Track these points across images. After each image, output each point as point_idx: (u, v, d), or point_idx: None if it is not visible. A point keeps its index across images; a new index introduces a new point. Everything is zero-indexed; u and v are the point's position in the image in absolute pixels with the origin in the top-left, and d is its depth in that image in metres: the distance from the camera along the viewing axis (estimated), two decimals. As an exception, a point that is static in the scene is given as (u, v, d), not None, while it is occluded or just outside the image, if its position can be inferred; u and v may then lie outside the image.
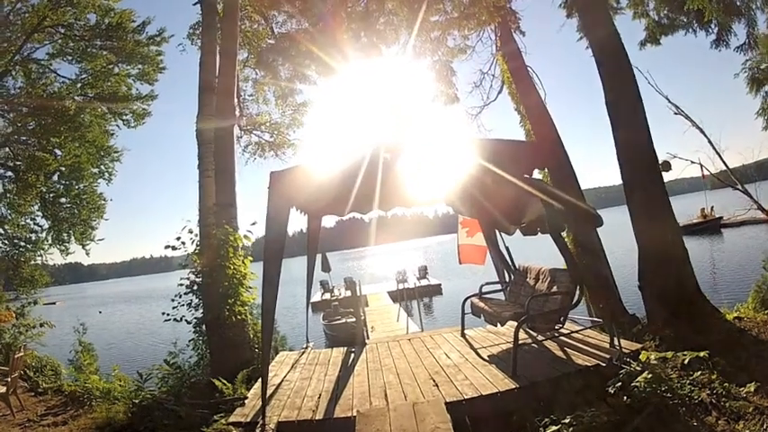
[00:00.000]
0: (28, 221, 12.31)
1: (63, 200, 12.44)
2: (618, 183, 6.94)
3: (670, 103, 8.10)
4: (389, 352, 6.04)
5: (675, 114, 8.12)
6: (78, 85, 12.27)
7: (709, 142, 7.94)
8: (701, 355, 3.99)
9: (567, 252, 5.30)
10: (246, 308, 6.67)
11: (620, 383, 3.78)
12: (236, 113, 9.51)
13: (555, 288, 5.32)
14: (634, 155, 6.47)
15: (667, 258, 6.12)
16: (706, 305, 5.99)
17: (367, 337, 7.52)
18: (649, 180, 6.38)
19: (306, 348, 6.70)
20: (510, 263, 7.03)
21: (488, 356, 5.29)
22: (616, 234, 10.60)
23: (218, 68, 7.94)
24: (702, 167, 8.60)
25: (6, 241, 11.99)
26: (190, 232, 6.91)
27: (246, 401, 4.61)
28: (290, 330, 11.42)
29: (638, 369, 3.85)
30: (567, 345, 5.27)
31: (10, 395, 5.84)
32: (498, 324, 5.72)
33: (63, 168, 12.14)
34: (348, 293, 15.49)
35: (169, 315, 6.62)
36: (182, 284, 6.76)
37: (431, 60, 10.55)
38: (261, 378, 4.32)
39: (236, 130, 10.22)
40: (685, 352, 4.11)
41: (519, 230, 6.51)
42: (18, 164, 12.08)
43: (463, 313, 6.48)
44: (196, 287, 6.73)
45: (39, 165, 11.66)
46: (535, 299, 5.31)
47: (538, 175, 7.24)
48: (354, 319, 7.43)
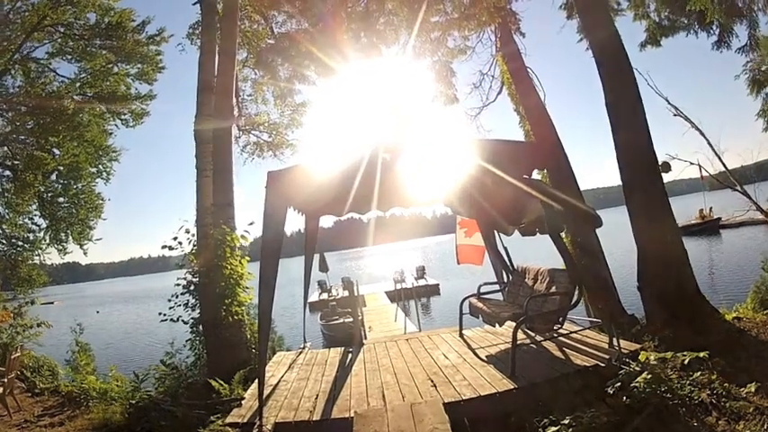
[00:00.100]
0: (26, 221, 12.32)
1: (61, 199, 12.41)
2: (617, 184, 6.92)
3: (669, 104, 8.09)
4: (387, 352, 6.01)
5: (675, 116, 8.10)
6: (77, 85, 12.25)
7: (709, 143, 7.93)
8: (700, 355, 3.96)
9: (565, 252, 5.27)
10: (243, 308, 6.64)
11: (620, 384, 3.76)
12: (235, 113, 9.51)
13: (554, 288, 5.31)
14: (634, 156, 6.46)
15: (667, 259, 6.10)
16: (705, 306, 5.97)
17: (364, 338, 7.50)
18: (649, 181, 6.36)
19: (303, 348, 6.67)
20: (508, 263, 7.02)
21: (487, 357, 5.26)
22: (615, 235, 10.59)
23: (216, 68, 7.93)
24: (701, 168, 8.59)
25: (4, 241, 11.97)
26: (187, 232, 6.90)
27: (243, 402, 4.58)
28: (287, 330, 11.40)
29: (638, 369, 3.83)
30: (565, 345, 5.25)
31: (7, 396, 5.82)
32: (497, 324, 5.70)
33: (61, 168, 12.12)
34: (346, 293, 15.43)
35: (166, 315, 6.61)
36: (178, 284, 6.73)
37: (431, 61, 10.57)
38: (258, 378, 4.30)
39: (235, 129, 10.22)
40: (685, 352, 4.09)
41: (518, 231, 6.49)
42: (16, 163, 12.05)
43: (461, 313, 6.45)
44: (193, 287, 6.71)
45: (37, 164, 11.64)
46: (534, 299, 5.29)
47: (537, 175, 7.22)
48: (352, 320, 7.40)
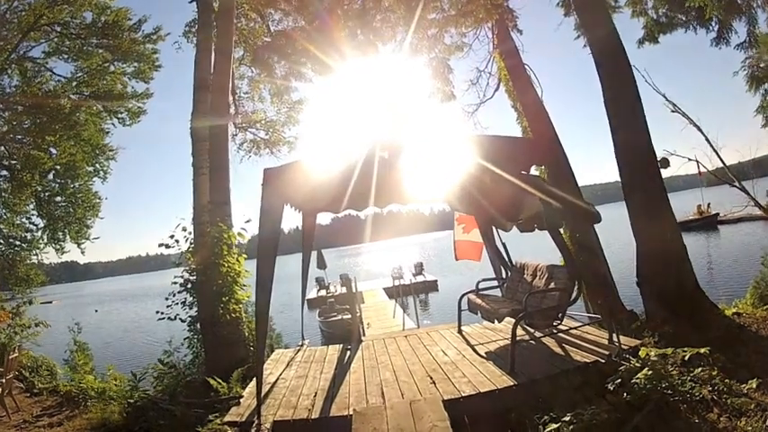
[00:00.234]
0: (23, 220, 12.33)
1: (58, 198, 12.40)
2: (614, 179, 6.91)
3: (667, 100, 8.07)
4: (386, 349, 5.99)
5: (673, 112, 8.08)
6: (74, 84, 12.21)
7: (706, 139, 7.91)
8: (701, 351, 3.94)
9: (564, 248, 5.26)
10: (241, 306, 6.63)
11: (620, 380, 3.73)
12: (232, 111, 9.48)
13: (552, 284, 5.28)
14: (633, 156, 6.45)
15: (667, 257, 6.09)
16: (705, 301, 5.98)
17: (363, 334, 7.48)
18: (648, 178, 6.35)
19: (301, 346, 6.65)
20: (507, 259, 7.00)
21: (486, 353, 5.24)
22: (612, 230, 10.59)
23: (213, 66, 7.89)
24: (699, 164, 8.57)
25: (2, 240, 11.95)
26: (184, 230, 6.87)
27: (242, 400, 4.55)
28: (285, 328, 11.36)
29: (638, 366, 3.81)
30: (565, 341, 5.23)
31: (5, 396, 5.79)
32: (495, 320, 5.67)
33: (58, 167, 12.11)
34: (344, 290, 15.43)
35: (163, 314, 6.58)
36: (176, 283, 6.71)
37: (427, 58, 10.50)
38: (256, 377, 4.27)
39: (231, 127, 10.19)
40: (685, 348, 4.07)
41: (516, 227, 6.47)
42: (13, 162, 12.02)
43: (460, 310, 6.44)
44: (190, 285, 6.68)
45: (34, 163, 11.63)
46: (533, 295, 5.27)
47: (535, 171, 7.20)
48: (350, 316, 7.38)
